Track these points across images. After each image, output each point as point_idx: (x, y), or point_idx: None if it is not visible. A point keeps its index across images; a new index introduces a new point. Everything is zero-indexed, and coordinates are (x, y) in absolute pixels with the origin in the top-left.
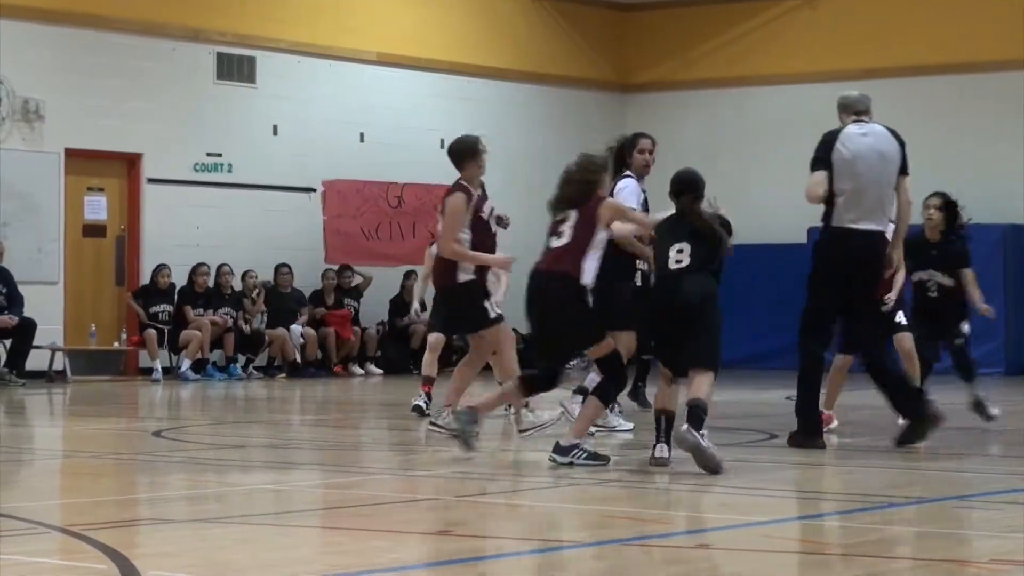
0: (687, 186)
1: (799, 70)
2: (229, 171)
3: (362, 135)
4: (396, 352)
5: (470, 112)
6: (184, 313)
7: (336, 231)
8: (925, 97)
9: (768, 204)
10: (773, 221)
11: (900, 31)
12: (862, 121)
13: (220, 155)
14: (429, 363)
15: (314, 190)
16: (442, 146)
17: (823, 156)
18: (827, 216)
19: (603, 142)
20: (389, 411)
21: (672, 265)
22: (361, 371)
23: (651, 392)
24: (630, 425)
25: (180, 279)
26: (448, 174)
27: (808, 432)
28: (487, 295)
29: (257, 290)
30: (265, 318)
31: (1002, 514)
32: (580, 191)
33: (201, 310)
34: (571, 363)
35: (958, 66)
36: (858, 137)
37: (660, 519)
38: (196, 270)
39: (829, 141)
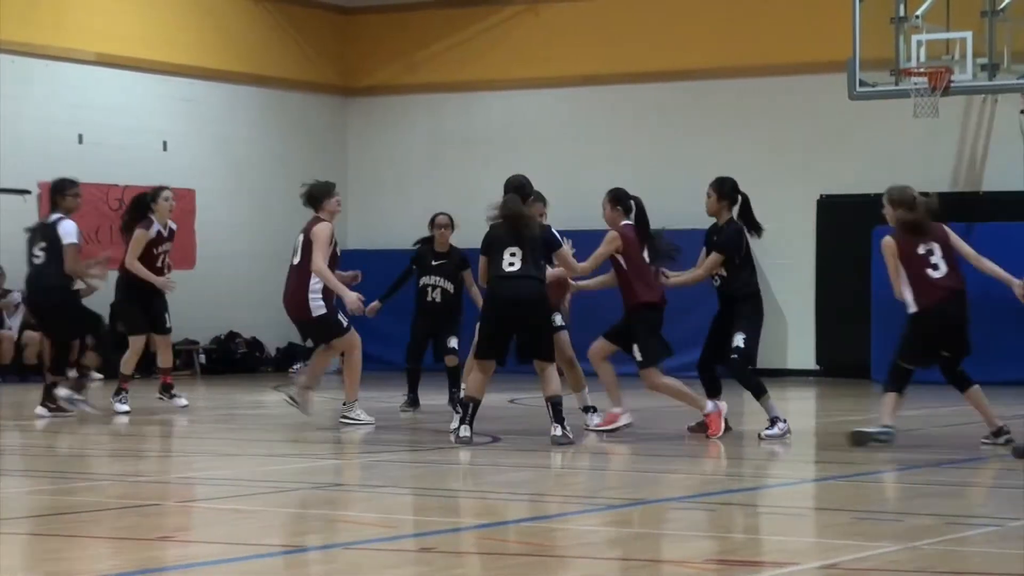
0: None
1: (522, 75)
2: None
3: (81, 136)
4: (117, 357)
5: (193, 114)
6: None
7: None
8: (643, 102)
9: None
10: None
11: (621, 39)
12: None
13: None
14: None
15: (29, 192)
16: (165, 148)
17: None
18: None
19: (325, 145)
20: (109, 416)
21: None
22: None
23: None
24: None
25: None
26: (173, 176)
27: None
28: None
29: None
30: None
31: (717, 515)
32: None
33: None
34: None
35: (676, 73)
36: None
37: (384, 523)
38: None
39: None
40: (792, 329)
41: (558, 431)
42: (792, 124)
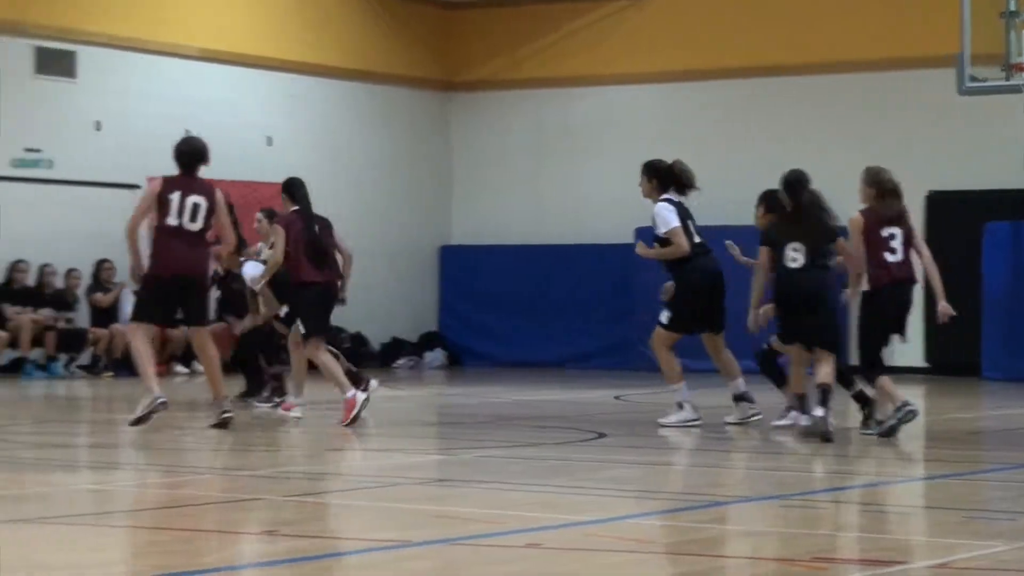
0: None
1: (625, 71)
2: (50, 167)
3: (186, 132)
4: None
5: (296, 110)
6: (1, 311)
7: None
8: (747, 98)
9: (594, 204)
10: (599, 221)
11: (724, 33)
12: None
13: (40, 151)
14: None
15: (138, 186)
16: (269, 144)
17: None
18: None
19: (428, 140)
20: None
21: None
22: (186, 369)
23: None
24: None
25: None
26: (277, 172)
27: None
28: None
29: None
30: (88, 315)
31: (825, 513)
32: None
33: (20, 308)
34: None
35: (783, 68)
36: None
37: (489, 518)
38: (14, 267)
39: None
40: None
41: (819, 412)
42: (901, 120)
